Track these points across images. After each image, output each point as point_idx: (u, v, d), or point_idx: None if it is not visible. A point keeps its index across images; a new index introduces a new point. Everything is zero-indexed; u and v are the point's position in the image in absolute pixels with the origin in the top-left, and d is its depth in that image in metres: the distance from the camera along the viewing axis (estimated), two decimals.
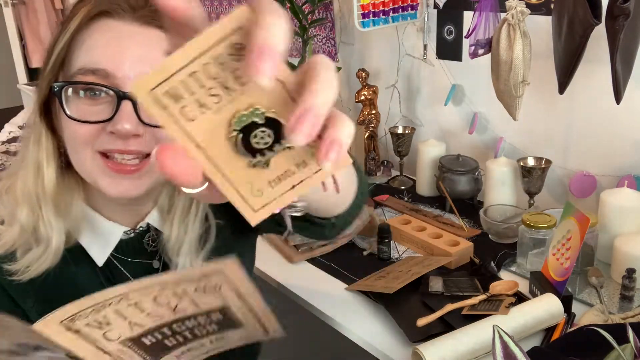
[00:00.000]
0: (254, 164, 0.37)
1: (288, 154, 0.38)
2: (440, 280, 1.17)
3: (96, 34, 0.70)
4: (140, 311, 0.61)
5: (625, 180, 1.29)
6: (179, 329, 0.66)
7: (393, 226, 1.37)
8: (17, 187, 0.75)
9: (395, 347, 1.03)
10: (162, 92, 0.34)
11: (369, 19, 1.63)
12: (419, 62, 1.81)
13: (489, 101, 1.62)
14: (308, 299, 1.20)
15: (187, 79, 0.34)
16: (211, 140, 0.36)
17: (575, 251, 1.04)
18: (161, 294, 0.60)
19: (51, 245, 0.75)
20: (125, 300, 0.59)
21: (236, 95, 0.35)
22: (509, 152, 1.59)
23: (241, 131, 0.36)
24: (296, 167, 0.38)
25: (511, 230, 1.33)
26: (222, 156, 0.37)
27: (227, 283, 0.60)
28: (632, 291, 1.08)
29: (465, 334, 0.96)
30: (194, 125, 0.36)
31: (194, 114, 0.35)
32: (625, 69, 1.15)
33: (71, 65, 0.71)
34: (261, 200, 0.39)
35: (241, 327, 0.69)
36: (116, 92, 0.68)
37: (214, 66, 0.34)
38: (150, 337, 0.64)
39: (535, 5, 1.42)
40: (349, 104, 2.12)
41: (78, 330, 0.59)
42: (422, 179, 1.67)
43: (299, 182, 0.39)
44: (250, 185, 0.38)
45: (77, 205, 0.78)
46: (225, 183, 0.38)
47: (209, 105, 0.35)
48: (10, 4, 4.31)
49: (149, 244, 0.85)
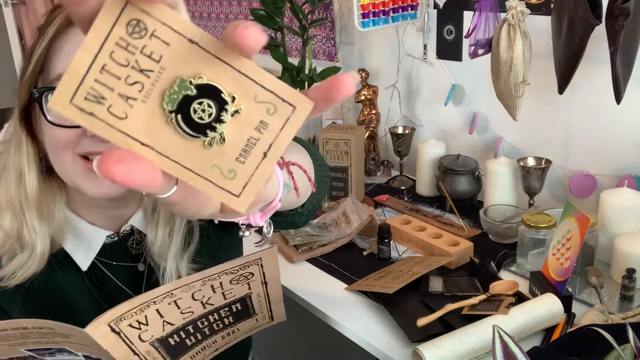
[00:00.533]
0: (209, 143, 0.33)
1: (240, 120, 0.34)
2: (440, 280, 1.17)
3: (74, 39, 0.70)
4: (176, 308, 0.62)
5: (625, 180, 1.29)
6: (202, 325, 0.67)
7: (393, 226, 1.37)
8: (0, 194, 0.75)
9: (395, 347, 1.03)
10: (82, 98, 0.31)
11: (369, 19, 1.63)
12: (419, 62, 1.81)
13: (489, 101, 1.62)
14: (308, 299, 1.20)
15: (100, 77, 0.31)
16: (153, 133, 0.33)
17: (575, 251, 1.04)
18: (201, 289, 0.62)
19: (36, 251, 0.75)
20: (169, 297, 0.60)
21: (156, 75, 0.32)
22: (509, 152, 1.59)
23: (178, 111, 0.33)
24: (257, 131, 0.34)
25: (511, 230, 1.33)
26: (171, 146, 0.33)
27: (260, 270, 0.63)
28: (632, 291, 1.08)
29: (465, 334, 0.96)
30: (129, 123, 0.32)
31: (123, 110, 0.32)
32: (625, 69, 1.15)
33: (50, 71, 0.71)
34: (238, 182, 0.34)
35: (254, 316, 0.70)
36: None
37: (120, 52, 0.31)
38: (176, 336, 0.66)
39: (535, 5, 1.42)
40: (349, 104, 2.12)
41: (120, 332, 0.60)
42: (422, 179, 1.67)
43: (268, 146, 0.34)
44: (218, 169, 0.34)
45: (59, 210, 0.78)
46: (188, 174, 0.34)
47: (133, 95, 0.32)
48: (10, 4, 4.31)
49: (133, 246, 0.85)
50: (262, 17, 1.90)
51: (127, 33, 0.31)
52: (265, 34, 0.31)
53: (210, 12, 2.79)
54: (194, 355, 0.72)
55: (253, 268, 0.63)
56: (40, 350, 0.66)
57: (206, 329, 0.69)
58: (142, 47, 0.31)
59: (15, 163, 0.75)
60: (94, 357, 0.66)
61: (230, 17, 2.66)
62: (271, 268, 0.64)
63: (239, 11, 2.59)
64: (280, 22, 1.92)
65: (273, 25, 1.92)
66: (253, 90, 0.33)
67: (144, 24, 0.31)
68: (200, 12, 2.87)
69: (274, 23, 1.91)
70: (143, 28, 0.31)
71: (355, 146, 1.48)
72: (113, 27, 0.31)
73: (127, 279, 0.85)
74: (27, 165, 0.74)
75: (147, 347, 0.64)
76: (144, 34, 0.31)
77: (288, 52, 2.09)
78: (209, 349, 0.73)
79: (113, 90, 0.32)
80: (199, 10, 2.87)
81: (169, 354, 0.68)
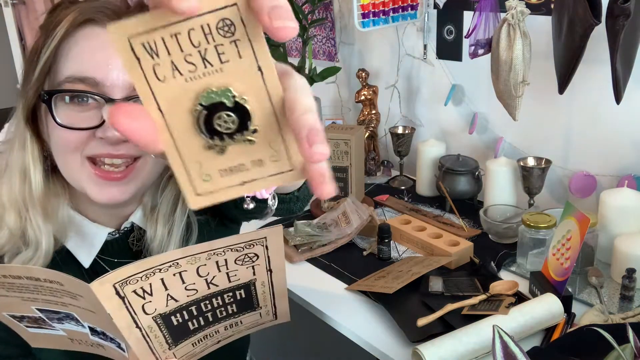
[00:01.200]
0: (209, 146, 0.36)
1: (247, 148, 0.36)
2: (440, 280, 1.17)
3: (82, 42, 0.71)
4: (181, 282, 0.63)
5: (625, 180, 1.29)
6: (205, 308, 0.68)
7: (393, 226, 1.37)
8: (3, 193, 0.75)
9: (395, 347, 1.03)
10: (139, 42, 0.33)
11: (369, 19, 1.63)
12: (419, 62, 1.81)
13: (489, 101, 1.62)
14: (308, 299, 1.20)
15: (168, 38, 0.33)
16: (173, 107, 0.35)
17: (575, 251, 1.04)
18: (206, 263, 0.62)
19: (41, 249, 0.76)
20: (175, 267, 0.61)
21: (212, 71, 0.34)
22: (509, 152, 1.59)
23: (206, 108, 0.35)
24: (251, 163, 0.36)
25: (511, 230, 1.33)
26: (179, 127, 0.35)
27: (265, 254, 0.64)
28: (632, 291, 1.08)
29: (465, 334, 0.96)
30: (161, 87, 0.34)
31: (165, 75, 0.34)
32: (625, 69, 1.15)
33: (58, 73, 0.71)
34: (207, 186, 0.37)
35: (257, 309, 0.71)
36: (105, 99, 0.69)
37: (198, 34, 0.33)
38: (179, 315, 0.66)
39: (535, 5, 1.42)
40: (349, 104, 2.12)
41: (124, 297, 0.60)
42: (422, 179, 1.67)
43: (251, 180, 0.37)
44: (199, 166, 0.36)
45: (63, 209, 0.79)
46: (174, 155, 0.36)
47: (182, 71, 0.34)
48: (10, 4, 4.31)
49: (133, 243, 0.86)
50: None
51: (215, 25, 0.33)
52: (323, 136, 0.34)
53: None
54: (196, 343, 0.72)
55: (258, 249, 0.63)
56: (50, 313, 0.66)
57: (209, 314, 0.69)
58: (219, 43, 0.33)
59: (19, 162, 0.75)
60: (98, 331, 0.66)
61: None
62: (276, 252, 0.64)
63: None
64: None
65: None
66: (274, 137, 0.36)
67: (234, 29, 0.33)
68: None
69: None
70: (231, 32, 0.33)
71: (355, 146, 1.48)
72: (208, 13, 0.32)
73: None
74: (32, 165, 0.75)
75: (149, 322, 0.65)
76: (229, 36, 0.33)
77: (288, 52, 2.09)
78: (210, 339, 0.73)
79: (169, 55, 0.33)
80: None
81: (171, 335, 0.68)
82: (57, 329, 0.69)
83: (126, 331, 0.64)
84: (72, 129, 0.70)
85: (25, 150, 0.74)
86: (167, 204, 0.82)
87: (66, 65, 0.70)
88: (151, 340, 0.66)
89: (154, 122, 0.34)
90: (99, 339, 0.68)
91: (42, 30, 0.73)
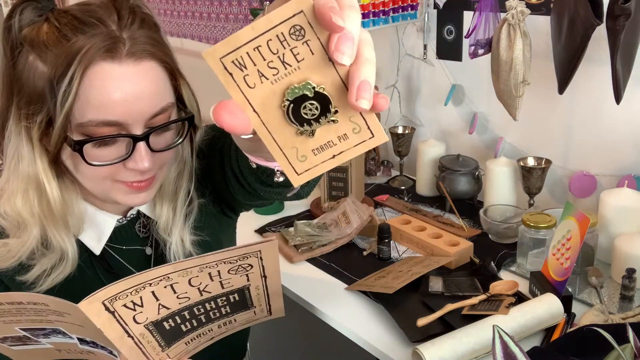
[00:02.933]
0: (300, 132, 0.43)
1: (332, 127, 0.43)
2: (440, 280, 1.17)
3: (95, 82, 0.70)
4: (172, 292, 0.63)
5: (625, 180, 1.29)
6: (197, 312, 0.68)
7: (393, 226, 1.37)
8: (22, 209, 0.77)
9: (395, 347, 1.03)
10: (229, 60, 0.40)
11: (369, 19, 1.63)
12: (419, 62, 1.81)
13: (489, 101, 1.62)
14: (308, 299, 1.20)
15: (252, 52, 0.40)
16: (266, 107, 0.42)
17: (575, 251, 1.04)
18: (198, 275, 0.62)
19: (68, 256, 0.79)
20: (165, 280, 0.61)
21: (292, 70, 0.41)
22: (509, 152, 1.59)
23: (293, 102, 0.42)
24: (338, 139, 0.44)
25: (511, 230, 1.33)
26: (273, 121, 0.43)
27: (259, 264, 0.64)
28: (632, 291, 1.08)
29: (465, 334, 0.96)
30: (253, 92, 0.42)
31: (254, 82, 0.41)
32: (625, 69, 1.15)
33: (77, 115, 0.71)
34: (304, 165, 0.45)
35: (251, 308, 0.71)
36: (132, 137, 0.73)
37: (275, 43, 0.40)
38: (171, 320, 0.67)
39: (535, 5, 1.42)
40: None
41: (114, 311, 0.61)
42: (422, 179, 1.67)
43: (339, 152, 0.44)
44: (295, 150, 0.44)
45: (77, 205, 0.82)
46: (274, 145, 0.44)
47: (267, 76, 0.41)
48: (10, 4, 4.31)
49: (140, 230, 0.89)
50: None
51: (288, 32, 0.40)
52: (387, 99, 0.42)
53: (210, 12, 2.79)
54: (189, 342, 0.72)
55: (252, 260, 0.63)
56: (35, 331, 0.66)
57: (202, 316, 0.69)
58: (293, 46, 0.40)
59: (33, 178, 0.76)
60: (88, 340, 0.66)
61: (230, 17, 2.66)
62: (271, 262, 0.64)
63: (239, 11, 2.59)
64: None
65: None
66: (352, 112, 0.43)
67: (304, 32, 0.39)
68: (200, 12, 2.88)
69: None
70: (302, 35, 0.40)
71: None
72: (280, 24, 0.39)
73: (135, 262, 0.89)
74: (47, 181, 0.77)
75: (141, 330, 0.65)
76: (300, 39, 0.40)
77: None
78: (204, 337, 0.74)
79: (255, 65, 0.41)
80: (199, 10, 2.87)
81: (164, 338, 0.68)
82: (43, 343, 0.69)
83: (118, 341, 0.64)
84: (105, 165, 0.74)
85: (35, 165, 0.76)
86: (169, 184, 0.86)
87: (84, 108, 0.71)
88: (144, 346, 0.67)
89: (246, 116, 0.42)
90: (88, 347, 0.68)
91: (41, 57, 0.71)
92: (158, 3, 3.09)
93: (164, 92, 0.76)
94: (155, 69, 0.74)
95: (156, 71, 0.74)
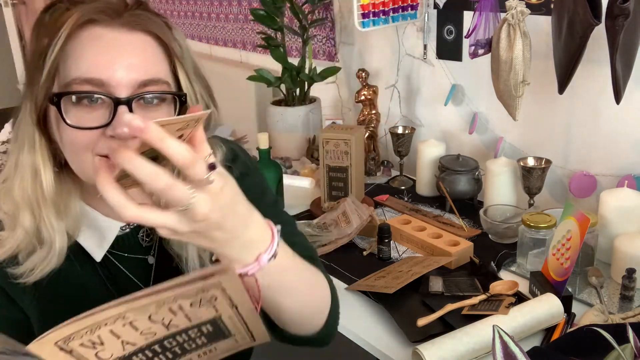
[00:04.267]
0: None
1: None
2: (440, 280, 1.17)
3: (86, 43, 0.72)
4: (134, 329, 0.59)
5: (625, 180, 1.29)
6: (169, 345, 0.64)
7: (393, 226, 1.37)
8: (15, 193, 0.76)
9: (395, 347, 1.03)
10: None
11: (369, 19, 1.63)
12: (419, 62, 1.81)
13: (489, 101, 1.62)
14: None
15: None
16: None
17: (575, 251, 1.04)
18: (157, 312, 0.58)
19: (55, 247, 0.77)
20: (122, 320, 0.58)
21: None
22: (509, 152, 1.59)
23: None
24: None
25: (511, 230, 1.33)
26: None
27: (224, 294, 0.59)
28: (632, 291, 1.08)
29: (465, 334, 0.96)
30: None
31: None
32: (625, 69, 1.15)
33: (65, 75, 0.72)
34: None
35: (231, 337, 0.67)
36: (112, 99, 0.71)
37: None
38: (141, 355, 0.63)
39: (535, 5, 1.42)
40: (349, 104, 2.12)
41: (71, 350, 0.58)
42: (422, 179, 1.67)
43: None
44: None
45: (75, 205, 0.80)
46: None
47: None
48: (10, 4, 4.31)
49: (143, 239, 0.87)
50: (262, 17, 1.90)
51: None
52: None
53: (210, 12, 2.79)
54: None
55: (214, 292, 0.59)
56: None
57: (176, 348, 0.65)
58: None
59: (30, 162, 0.76)
60: None
61: (230, 17, 2.66)
62: (236, 291, 0.59)
63: (239, 11, 2.59)
64: (280, 22, 1.92)
65: (273, 25, 1.92)
66: None
67: None
68: (200, 12, 2.88)
69: (274, 23, 1.91)
70: None
71: (355, 146, 1.48)
72: None
73: (138, 271, 0.87)
74: (42, 165, 0.76)
75: None
76: None
77: (288, 52, 2.09)
78: None
79: None
80: (199, 10, 2.87)
81: None
82: None
83: None
84: (82, 128, 0.72)
85: (34, 150, 0.76)
86: None
87: (72, 67, 0.72)
88: None
89: None
90: None
91: (42, 31, 0.74)
92: (158, 3, 3.09)
93: (156, 65, 0.75)
94: (149, 42, 0.74)
95: (149, 44, 0.74)
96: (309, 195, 1.68)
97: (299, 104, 1.96)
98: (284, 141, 1.97)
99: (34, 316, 0.81)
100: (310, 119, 1.94)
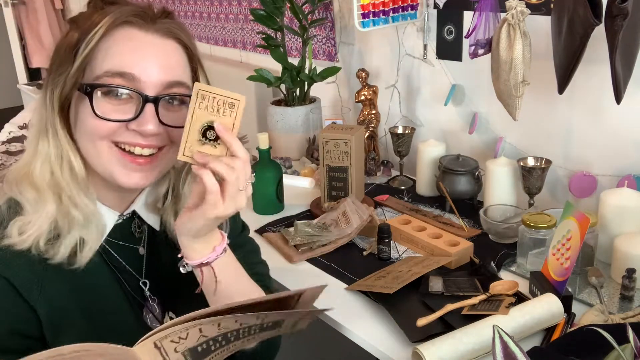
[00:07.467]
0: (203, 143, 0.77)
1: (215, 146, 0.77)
2: (440, 280, 1.17)
3: (121, 40, 0.78)
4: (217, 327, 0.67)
5: (625, 180, 1.29)
6: (230, 335, 0.70)
7: (393, 226, 1.37)
8: (37, 178, 0.79)
9: (395, 347, 1.03)
10: None
11: (369, 19, 1.63)
12: (419, 62, 1.81)
13: (489, 101, 1.62)
14: None
15: None
16: None
17: (575, 251, 1.04)
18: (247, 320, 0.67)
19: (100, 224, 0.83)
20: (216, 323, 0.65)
21: None
22: (509, 152, 1.59)
23: None
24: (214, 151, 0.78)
25: (511, 230, 1.33)
26: None
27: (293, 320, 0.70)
28: (632, 291, 1.08)
29: (465, 334, 0.96)
30: None
31: None
32: (625, 69, 1.15)
33: (97, 68, 0.77)
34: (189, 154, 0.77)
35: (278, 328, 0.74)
36: (142, 95, 0.77)
37: None
38: (205, 345, 0.69)
39: (535, 5, 1.42)
40: (349, 104, 2.12)
41: (161, 347, 0.64)
42: (422, 179, 1.67)
43: None
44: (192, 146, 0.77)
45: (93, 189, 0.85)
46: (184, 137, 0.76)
47: None
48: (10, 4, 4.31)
49: (135, 230, 0.92)
50: (262, 17, 1.90)
51: None
52: None
53: (210, 12, 2.79)
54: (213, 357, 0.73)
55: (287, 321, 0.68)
56: None
57: (232, 337, 0.72)
58: None
59: (55, 149, 0.79)
60: None
61: (230, 17, 2.66)
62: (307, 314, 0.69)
63: (239, 11, 2.59)
64: (280, 22, 1.92)
65: (273, 25, 1.92)
66: None
67: None
68: (200, 12, 2.88)
69: (274, 23, 1.91)
70: None
71: (355, 146, 1.48)
72: None
73: (131, 260, 0.91)
74: (70, 149, 0.80)
75: (178, 356, 0.67)
76: None
77: (288, 52, 2.09)
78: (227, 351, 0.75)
79: None
80: (199, 10, 2.87)
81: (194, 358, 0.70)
82: None
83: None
84: (109, 120, 0.77)
85: (58, 136, 0.80)
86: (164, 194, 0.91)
87: (105, 61, 0.77)
88: None
89: None
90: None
91: (77, 26, 0.79)
92: (158, 4, 3.08)
93: (182, 70, 0.82)
94: (178, 50, 0.82)
95: (178, 51, 0.82)
96: (309, 195, 1.68)
97: (299, 104, 1.96)
98: (284, 141, 1.97)
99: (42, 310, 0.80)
100: (310, 119, 1.94)
